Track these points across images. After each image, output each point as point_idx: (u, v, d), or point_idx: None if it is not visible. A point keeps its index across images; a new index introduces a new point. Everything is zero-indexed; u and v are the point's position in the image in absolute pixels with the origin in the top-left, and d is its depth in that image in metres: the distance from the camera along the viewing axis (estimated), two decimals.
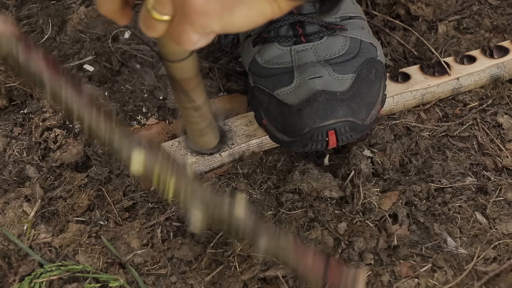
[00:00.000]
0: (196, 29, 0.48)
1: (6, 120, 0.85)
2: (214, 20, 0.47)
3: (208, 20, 0.47)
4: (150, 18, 0.49)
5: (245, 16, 0.48)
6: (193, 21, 0.47)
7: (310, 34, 0.76)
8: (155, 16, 0.49)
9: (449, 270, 0.66)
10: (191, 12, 0.47)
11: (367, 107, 0.73)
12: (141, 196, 0.75)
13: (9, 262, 0.68)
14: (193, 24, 0.48)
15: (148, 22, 0.50)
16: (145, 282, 0.66)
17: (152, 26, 0.50)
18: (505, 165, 0.76)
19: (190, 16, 0.47)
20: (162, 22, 0.49)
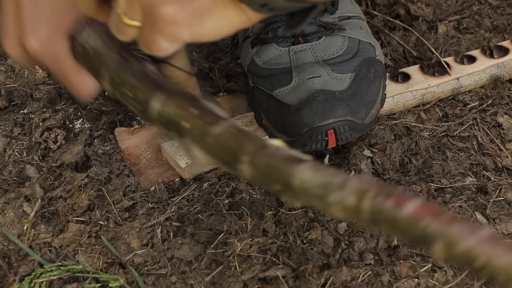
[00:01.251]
0: (166, 37, 0.48)
1: (6, 120, 0.85)
2: (184, 30, 0.48)
3: (178, 29, 0.47)
4: (121, 23, 0.49)
5: (214, 27, 0.48)
6: (163, 29, 0.47)
7: (308, 34, 0.76)
8: (125, 21, 0.48)
9: (449, 270, 0.66)
10: (160, 21, 0.47)
11: (366, 106, 0.73)
12: (141, 196, 0.75)
13: (9, 262, 0.68)
14: (162, 32, 0.48)
15: (118, 26, 0.50)
16: (145, 282, 0.66)
17: (122, 30, 0.50)
18: (505, 165, 0.76)
19: (159, 25, 0.47)
20: (132, 27, 0.49)
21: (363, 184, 0.39)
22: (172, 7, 0.46)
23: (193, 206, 0.73)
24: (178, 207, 0.73)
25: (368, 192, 0.38)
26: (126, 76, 0.50)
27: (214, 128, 0.44)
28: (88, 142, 0.81)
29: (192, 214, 0.72)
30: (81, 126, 0.84)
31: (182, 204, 0.73)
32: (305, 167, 0.40)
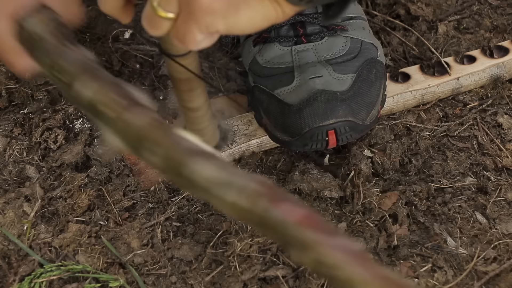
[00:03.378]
0: (201, 28, 0.48)
1: (6, 120, 0.85)
2: (220, 20, 0.48)
3: (214, 19, 0.47)
4: (155, 16, 0.49)
5: (250, 18, 0.48)
6: (199, 19, 0.48)
7: (311, 34, 0.76)
8: (161, 13, 0.49)
9: (449, 270, 0.66)
10: (197, 10, 0.47)
11: (367, 107, 0.73)
12: (141, 196, 0.75)
13: (9, 262, 0.68)
14: (198, 22, 0.48)
15: (152, 20, 0.50)
16: (145, 282, 0.66)
17: (156, 24, 0.50)
18: (505, 165, 0.76)
19: (195, 14, 0.47)
20: (167, 20, 0.49)
21: (262, 188, 0.40)
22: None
23: (193, 206, 0.73)
24: (178, 207, 0.73)
25: (263, 197, 0.40)
26: (64, 63, 0.51)
27: (127, 113, 0.45)
28: (88, 142, 0.81)
29: (192, 214, 0.72)
30: (81, 126, 0.84)
31: (182, 204, 0.73)
32: (203, 162, 0.41)
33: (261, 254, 0.67)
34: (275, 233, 0.39)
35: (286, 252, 0.68)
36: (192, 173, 0.41)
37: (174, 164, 0.42)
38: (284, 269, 0.66)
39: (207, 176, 0.41)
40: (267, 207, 0.39)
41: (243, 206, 0.40)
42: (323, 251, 0.37)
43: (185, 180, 0.42)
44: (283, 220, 0.39)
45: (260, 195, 0.40)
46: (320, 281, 0.64)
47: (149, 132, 0.44)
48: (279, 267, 0.66)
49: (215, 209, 0.72)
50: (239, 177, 0.41)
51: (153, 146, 0.43)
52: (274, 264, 0.67)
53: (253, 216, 0.40)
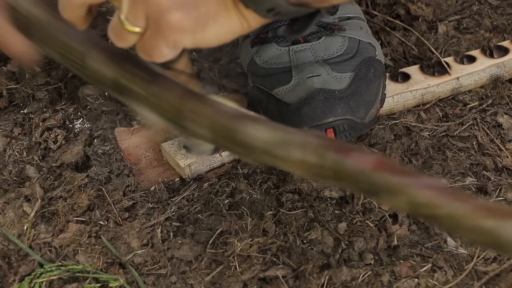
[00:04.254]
0: (169, 44, 0.49)
1: (6, 120, 0.85)
2: (188, 36, 0.48)
3: (182, 36, 0.48)
4: (122, 29, 0.49)
5: (216, 33, 0.49)
6: (167, 36, 0.48)
7: (308, 34, 0.76)
8: (127, 27, 0.48)
9: (449, 270, 0.66)
10: (166, 27, 0.47)
11: (366, 105, 0.73)
12: (141, 196, 0.75)
13: (9, 262, 0.68)
14: (166, 39, 0.48)
15: (118, 33, 0.49)
16: (145, 282, 0.66)
17: (122, 37, 0.50)
18: (505, 165, 0.76)
19: (164, 31, 0.47)
20: (134, 33, 0.49)
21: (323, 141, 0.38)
22: (179, 14, 0.46)
23: (193, 206, 0.73)
24: (178, 207, 0.73)
25: (329, 150, 0.38)
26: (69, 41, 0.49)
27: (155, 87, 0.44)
28: (88, 142, 0.81)
29: (192, 214, 0.72)
30: (81, 126, 0.84)
31: (182, 204, 0.73)
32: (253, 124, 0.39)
33: (261, 254, 0.67)
34: (356, 183, 0.38)
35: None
36: (247, 137, 0.39)
37: (224, 132, 0.40)
38: (284, 269, 0.66)
39: (264, 138, 0.39)
40: (338, 159, 0.37)
41: (312, 162, 0.38)
42: (414, 193, 0.36)
43: (241, 146, 0.39)
44: (360, 169, 0.37)
45: (326, 148, 0.38)
46: (320, 281, 0.64)
47: (186, 103, 0.41)
48: (279, 267, 0.66)
49: (215, 209, 0.72)
50: (297, 135, 0.39)
51: (196, 116, 0.41)
52: (274, 264, 0.67)
53: (325, 171, 0.38)
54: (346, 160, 0.37)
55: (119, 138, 0.81)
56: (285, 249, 0.68)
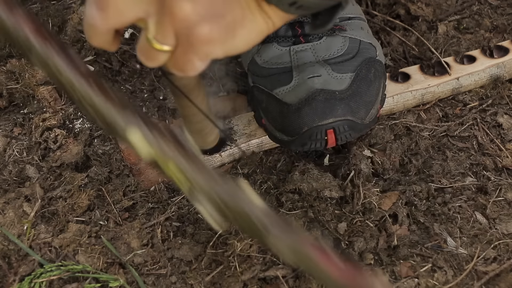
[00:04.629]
0: (201, 57, 0.48)
1: (6, 120, 0.85)
2: (219, 47, 0.48)
3: (213, 47, 0.48)
4: (151, 49, 0.49)
5: (246, 39, 0.49)
6: (198, 50, 0.48)
7: (309, 34, 0.76)
8: (156, 46, 0.48)
9: (449, 270, 0.66)
10: (196, 41, 0.47)
11: (366, 106, 0.73)
12: (141, 196, 0.75)
13: (9, 262, 0.68)
14: (198, 52, 0.48)
15: (148, 53, 0.49)
16: (145, 282, 0.66)
17: (152, 56, 0.49)
18: (505, 165, 0.76)
19: (195, 45, 0.47)
20: (163, 52, 0.49)
21: None
22: (208, 26, 0.46)
23: (193, 206, 0.73)
24: (178, 207, 0.73)
25: None
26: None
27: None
28: (88, 142, 0.81)
29: (192, 214, 0.72)
30: (81, 126, 0.84)
31: (182, 204, 0.73)
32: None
33: (261, 254, 0.67)
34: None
35: None
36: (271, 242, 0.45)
37: (253, 228, 0.45)
38: (284, 269, 0.66)
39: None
40: None
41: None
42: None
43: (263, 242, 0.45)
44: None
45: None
46: None
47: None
48: (279, 267, 0.66)
49: None
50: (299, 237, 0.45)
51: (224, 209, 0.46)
52: (274, 264, 0.67)
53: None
54: None
55: None
56: None
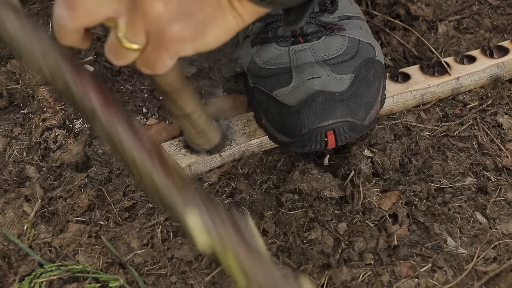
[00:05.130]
0: (171, 55, 0.49)
1: (6, 120, 0.85)
2: (189, 45, 0.48)
3: (184, 45, 0.48)
4: (120, 48, 0.49)
5: (215, 36, 0.49)
6: (169, 48, 0.48)
7: (308, 34, 0.76)
8: (126, 45, 0.48)
9: (449, 270, 0.66)
10: (168, 40, 0.47)
11: (366, 107, 0.73)
12: (141, 196, 0.75)
13: (9, 262, 0.68)
14: (168, 50, 0.48)
15: (117, 52, 0.49)
16: (145, 282, 0.66)
17: (122, 55, 0.49)
18: (505, 165, 0.76)
19: (166, 44, 0.48)
20: (133, 51, 0.49)
21: None
22: (179, 25, 0.46)
23: None
24: None
25: None
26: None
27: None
28: (88, 142, 0.81)
29: None
30: (81, 126, 0.84)
31: None
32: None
33: None
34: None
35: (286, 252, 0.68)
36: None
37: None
38: (284, 269, 0.66)
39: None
40: None
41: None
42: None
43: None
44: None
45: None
46: (320, 281, 0.64)
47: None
48: (279, 267, 0.66)
49: None
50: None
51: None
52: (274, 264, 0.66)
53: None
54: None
55: None
56: (285, 249, 0.68)
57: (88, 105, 0.45)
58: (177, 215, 0.43)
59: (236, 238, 0.42)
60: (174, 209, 0.43)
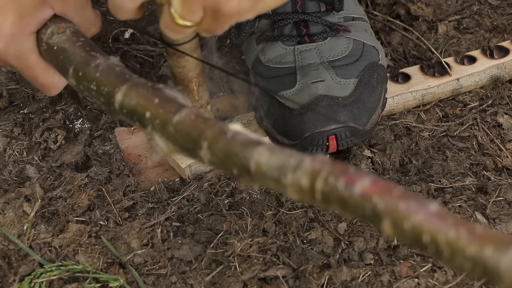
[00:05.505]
0: (230, 24, 0.50)
1: (6, 120, 0.85)
2: (248, 14, 0.49)
3: (243, 16, 0.49)
4: (175, 24, 0.49)
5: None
6: (228, 21, 0.49)
7: (314, 34, 0.76)
8: (180, 22, 0.49)
9: (449, 270, 0.66)
10: (226, 15, 0.48)
11: (368, 112, 0.73)
12: (141, 196, 0.74)
13: (9, 262, 0.68)
14: (228, 22, 0.49)
15: (173, 27, 0.50)
16: (145, 282, 0.66)
17: (178, 30, 0.51)
18: (505, 165, 0.76)
19: (225, 18, 0.48)
20: (189, 26, 0.50)
21: (317, 164, 0.38)
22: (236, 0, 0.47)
23: (193, 206, 0.73)
24: (178, 207, 0.73)
25: (321, 173, 0.38)
26: (90, 70, 0.50)
27: (174, 116, 0.44)
28: (88, 142, 0.81)
29: (192, 214, 0.72)
30: (81, 126, 0.84)
31: (182, 204, 0.73)
32: (262, 150, 0.40)
33: (261, 254, 0.67)
34: (354, 209, 0.37)
35: None
36: (256, 165, 0.40)
37: (235, 160, 0.41)
38: (284, 269, 0.66)
39: (269, 164, 0.40)
40: (333, 182, 0.37)
41: (305, 186, 0.38)
42: (419, 220, 0.34)
43: (249, 173, 0.41)
44: (358, 193, 0.36)
45: (318, 171, 0.38)
46: (320, 281, 0.64)
47: (202, 131, 0.43)
48: (279, 267, 0.66)
49: (215, 209, 0.72)
50: (293, 158, 0.39)
51: (209, 144, 0.42)
52: (274, 264, 0.67)
53: (316, 195, 0.38)
54: (340, 184, 0.37)
55: (119, 138, 0.81)
56: (285, 249, 0.68)
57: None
58: None
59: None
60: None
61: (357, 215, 0.37)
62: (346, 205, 0.37)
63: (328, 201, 0.38)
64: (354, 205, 0.37)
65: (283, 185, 0.39)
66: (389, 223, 0.35)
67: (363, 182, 0.36)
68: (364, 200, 0.36)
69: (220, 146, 0.42)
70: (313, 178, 0.38)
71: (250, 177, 0.41)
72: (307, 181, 0.38)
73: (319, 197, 0.38)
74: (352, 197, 0.36)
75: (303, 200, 0.40)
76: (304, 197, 0.39)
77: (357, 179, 0.37)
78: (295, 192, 0.39)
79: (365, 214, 0.36)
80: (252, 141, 0.41)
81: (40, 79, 0.57)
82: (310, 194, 0.38)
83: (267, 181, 0.40)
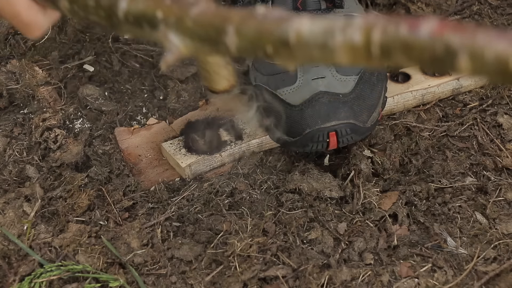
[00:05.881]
0: None
1: (6, 120, 0.85)
2: None
3: None
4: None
5: None
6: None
7: None
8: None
9: (449, 270, 0.66)
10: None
11: (369, 109, 0.73)
12: (141, 196, 0.75)
13: (9, 262, 0.68)
14: None
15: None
16: (145, 282, 0.66)
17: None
18: (505, 165, 0.76)
19: None
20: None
21: (370, 19, 0.35)
22: None
23: (193, 206, 0.73)
24: (178, 207, 0.73)
25: (377, 25, 0.35)
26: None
27: (191, 9, 0.41)
28: (88, 142, 0.81)
29: (192, 214, 0.72)
30: (81, 126, 0.84)
31: (182, 204, 0.73)
32: (302, 19, 0.37)
33: (261, 254, 0.67)
34: (409, 54, 0.34)
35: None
36: (297, 34, 0.37)
37: (269, 37, 0.38)
38: (284, 269, 0.66)
39: (313, 30, 0.37)
40: (389, 30, 0.34)
41: (356, 42, 0.35)
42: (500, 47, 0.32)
43: (288, 47, 0.38)
44: (418, 35, 0.34)
45: (373, 24, 0.35)
46: (320, 281, 0.64)
47: (227, 17, 0.40)
48: (279, 267, 0.66)
49: (215, 209, 0.72)
50: (338, 21, 0.36)
51: (236, 27, 0.39)
52: (274, 264, 0.67)
53: (374, 49, 0.35)
54: (402, 30, 0.34)
55: (119, 138, 0.81)
56: (285, 249, 0.68)
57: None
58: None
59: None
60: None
61: (424, 59, 0.35)
62: (411, 51, 0.35)
63: (389, 52, 0.35)
64: (421, 49, 0.34)
65: (330, 49, 0.36)
66: (467, 58, 0.33)
67: (430, 23, 0.34)
68: (434, 41, 0.34)
69: (250, 28, 0.39)
70: (368, 32, 0.35)
71: (288, 52, 0.38)
72: (361, 37, 0.35)
73: (376, 51, 0.35)
74: (419, 40, 0.34)
75: (355, 62, 0.36)
76: (357, 57, 0.36)
77: (421, 22, 0.34)
78: (346, 52, 0.36)
79: (435, 55, 0.34)
80: (287, 15, 0.38)
81: (23, 16, 0.52)
82: (365, 50, 0.35)
83: (310, 51, 0.37)
